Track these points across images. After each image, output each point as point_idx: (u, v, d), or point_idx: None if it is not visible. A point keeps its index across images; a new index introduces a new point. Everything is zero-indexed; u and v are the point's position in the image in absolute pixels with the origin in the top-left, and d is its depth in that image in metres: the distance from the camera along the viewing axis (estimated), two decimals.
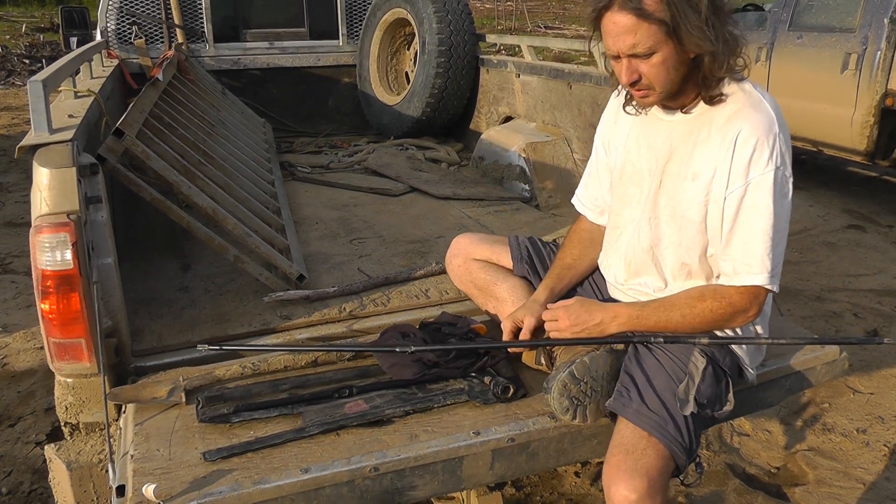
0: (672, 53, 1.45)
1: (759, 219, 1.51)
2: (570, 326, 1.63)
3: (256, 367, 1.77)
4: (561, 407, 1.57)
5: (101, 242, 1.74)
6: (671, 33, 1.42)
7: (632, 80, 1.49)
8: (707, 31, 1.42)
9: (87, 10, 4.53)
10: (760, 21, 6.12)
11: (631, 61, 1.48)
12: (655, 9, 1.40)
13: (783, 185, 1.51)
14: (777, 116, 1.51)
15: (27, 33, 15.73)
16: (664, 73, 1.48)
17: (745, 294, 1.54)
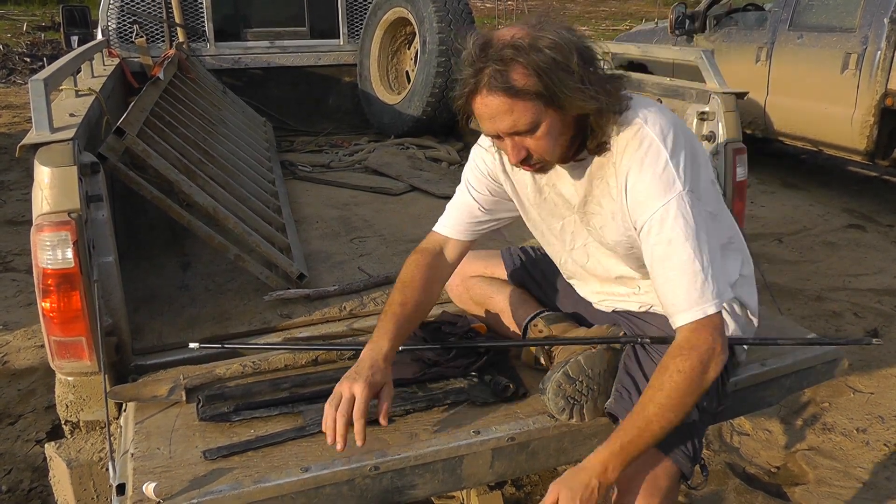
0: (556, 121, 1.37)
1: (672, 253, 1.39)
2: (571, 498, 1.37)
3: (257, 365, 1.78)
4: (557, 407, 1.57)
5: (102, 241, 1.74)
6: (550, 102, 1.33)
7: (521, 158, 1.41)
8: (586, 89, 1.33)
9: (88, 9, 4.52)
10: (760, 21, 6.12)
11: (514, 139, 1.39)
12: (526, 83, 1.30)
13: (689, 204, 1.39)
14: (664, 133, 1.41)
15: (28, 32, 15.72)
16: (552, 142, 1.40)
17: (697, 331, 1.39)
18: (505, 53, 1.30)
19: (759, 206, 5.64)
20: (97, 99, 2.27)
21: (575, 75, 1.32)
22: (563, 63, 1.31)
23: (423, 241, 1.77)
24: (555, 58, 1.30)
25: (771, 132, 6.08)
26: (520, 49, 1.30)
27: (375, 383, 1.47)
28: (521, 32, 1.33)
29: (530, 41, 1.31)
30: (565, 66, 1.31)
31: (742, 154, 2.30)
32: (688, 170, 1.41)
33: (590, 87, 1.34)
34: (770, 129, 6.06)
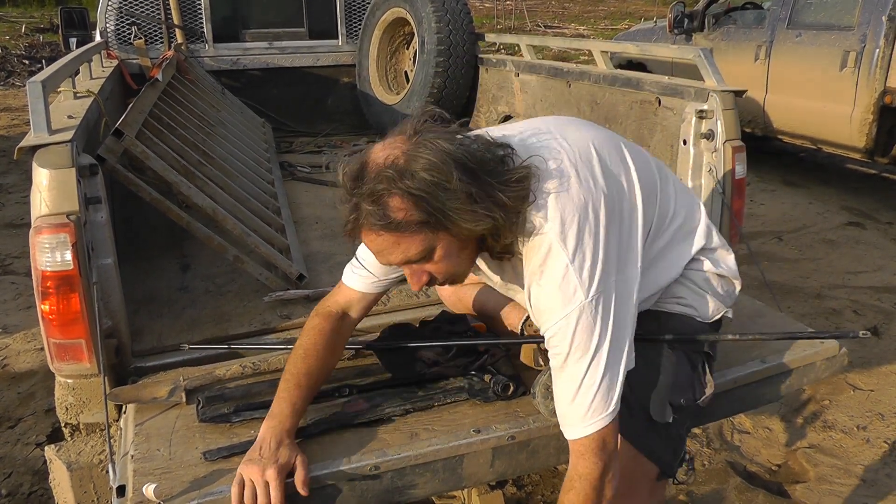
0: (452, 242, 1.27)
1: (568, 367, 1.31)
2: None
3: (257, 366, 1.77)
4: (548, 410, 1.57)
5: (101, 243, 1.74)
6: (438, 227, 1.22)
7: (423, 283, 1.34)
8: (473, 208, 1.21)
9: (86, 11, 4.52)
10: (759, 19, 6.13)
11: (412, 266, 1.31)
12: (407, 215, 1.20)
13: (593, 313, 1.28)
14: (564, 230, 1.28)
15: (27, 34, 15.72)
16: (453, 263, 1.31)
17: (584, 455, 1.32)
18: (378, 187, 1.19)
19: (759, 204, 5.64)
20: (95, 101, 2.27)
21: (458, 194, 1.19)
22: (443, 184, 1.18)
23: (328, 297, 1.66)
24: (432, 180, 1.18)
25: (770, 130, 6.08)
26: (392, 179, 1.18)
27: (286, 464, 1.37)
28: (394, 152, 1.21)
29: (404, 163, 1.19)
30: (444, 187, 1.18)
31: (741, 152, 2.30)
32: (595, 267, 1.28)
33: (478, 206, 1.21)
34: (769, 127, 6.06)
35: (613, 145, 1.46)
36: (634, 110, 2.79)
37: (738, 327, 2.02)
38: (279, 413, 1.44)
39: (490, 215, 1.22)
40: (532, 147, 1.36)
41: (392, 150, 1.22)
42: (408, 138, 1.23)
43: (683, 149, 2.40)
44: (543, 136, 1.41)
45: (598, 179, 1.35)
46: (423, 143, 1.21)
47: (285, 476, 1.36)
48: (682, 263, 1.56)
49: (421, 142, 1.22)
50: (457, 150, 1.22)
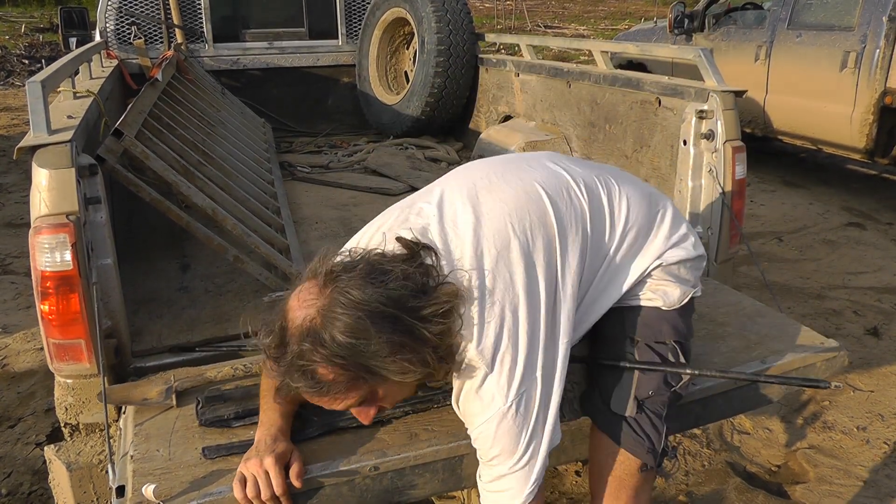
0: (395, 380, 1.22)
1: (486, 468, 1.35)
2: None
3: (248, 368, 1.77)
4: None
5: (101, 243, 1.74)
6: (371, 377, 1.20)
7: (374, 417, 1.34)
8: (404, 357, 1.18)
9: (86, 11, 4.52)
10: (759, 19, 6.13)
11: (357, 408, 1.29)
12: (335, 377, 1.18)
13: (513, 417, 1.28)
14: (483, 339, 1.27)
15: (26, 33, 15.73)
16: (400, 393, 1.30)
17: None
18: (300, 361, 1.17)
19: (759, 204, 5.64)
20: (95, 101, 2.27)
21: (382, 350, 1.15)
22: (363, 344, 1.15)
23: None
24: (352, 342, 1.14)
25: (770, 131, 6.09)
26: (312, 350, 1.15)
27: (283, 453, 1.37)
28: (310, 312, 1.17)
29: (321, 327, 1.15)
30: (365, 346, 1.15)
31: (741, 152, 2.30)
32: (513, 371, 1.28)
33: (406, 355, 1.17)
34: (769, 127, 6.06)
35: (537, 209, 1.39)
36: (634, 110, 2.79)
37: (739, 327, 2.03)
38: (268, 419, 1.45)
39: (420, 360, 1.19)
40: (450, 244, 1.32)
41: (307, 309, 1.17)
42: (321, 290, 1.18)
43: (683, 149, 2.40)
44: (462, 224, 1.35)
45: (516, 273, 1.32)
46: (336, 298, 1.16)
47: (283, 465, 1.37)
48: (637, 274, 1.53)
49: (334, 297, 1.16)
50: (372, 299, 1.15)
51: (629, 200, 1.52)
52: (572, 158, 1.62)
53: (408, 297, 1.19)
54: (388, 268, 1.20)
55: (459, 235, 1.34)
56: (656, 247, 1.53)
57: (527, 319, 1.30)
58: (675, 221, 1.57)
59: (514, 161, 1.55)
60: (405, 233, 1.32)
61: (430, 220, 1.36)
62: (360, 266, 1.19)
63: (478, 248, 1.32)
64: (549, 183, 1.45)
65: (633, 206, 1.52)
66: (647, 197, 1.56)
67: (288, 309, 1.20)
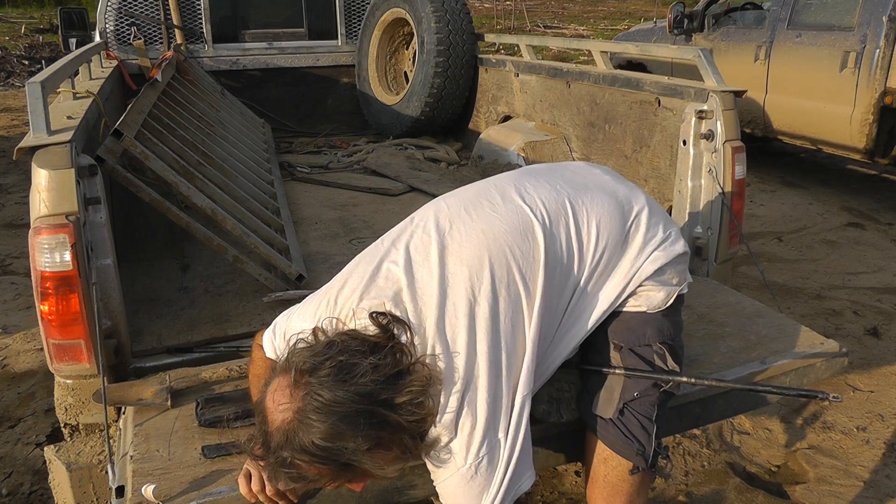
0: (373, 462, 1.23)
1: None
2: None
3: (243, 369, 1.77)
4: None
5: (101, 243, 1.74)
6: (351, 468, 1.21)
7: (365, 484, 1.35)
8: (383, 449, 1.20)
9: (86, 12, 4.53)
10: (759, 20, 6.13)
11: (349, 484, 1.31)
12: (319, 472, 1.21)
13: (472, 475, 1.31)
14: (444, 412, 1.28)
15: (26, 34, 15.73)
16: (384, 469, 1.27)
17: None
18: (284, 459, 1.19)
19: (759, 204, 5.64)
20: (95, 101, 2.27)
21: (361, 446, 1.17)
22: (341, 446, 1.17)
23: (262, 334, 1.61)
24: (329, 446, 1.16)
25: (770, 131, 6.09)
26: (293, 454, 1.18)
27: None
28: (286, 416, 1.18)
29: (298, 430, 1.16)
30: (343, 447, 1.17)
31: (741, 153, 2.30)
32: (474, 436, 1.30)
33: (385, 447, 1.20)
34: (769, 127, 6.06)
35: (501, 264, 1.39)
36: (634, 111, 2.79)
37: (738, 327, 2.03)
38: None
39: (399, 446, 1.22)
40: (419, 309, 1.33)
41: (283, 413, 1.18)
42: (293, 392, 1.19)
43: (683, 149, 2.40)
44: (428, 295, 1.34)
45: (479, 344, 1.32)
46: (308, 402, 1.16)
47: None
48: (610, 300, 1.51)
49: (307, 401, 1.17)
50: (344, 399, 1.16)
51: (599, 223, 1.48)
52: (538, 179, 1.55)
53: (379, 390, 1.18)
54: (357, 361, 1.20)
55: (427, 305, 1.34)
56: (627, 266, 1.50)
57: (487, 388, 1.31)
58: (649, 227, 1.52)
59: (481, 200, 1.51)
60: (376, 303, 1.32)
61: (401, 286, 1.35)
62: (328, 364, 1.18)
63: (441, 321, 1.32)
64: (513, 227, 1.43)
65: (604, 229, 1.48)
66: (619, 208, 1.52)
67: (266, 411, 1.22)
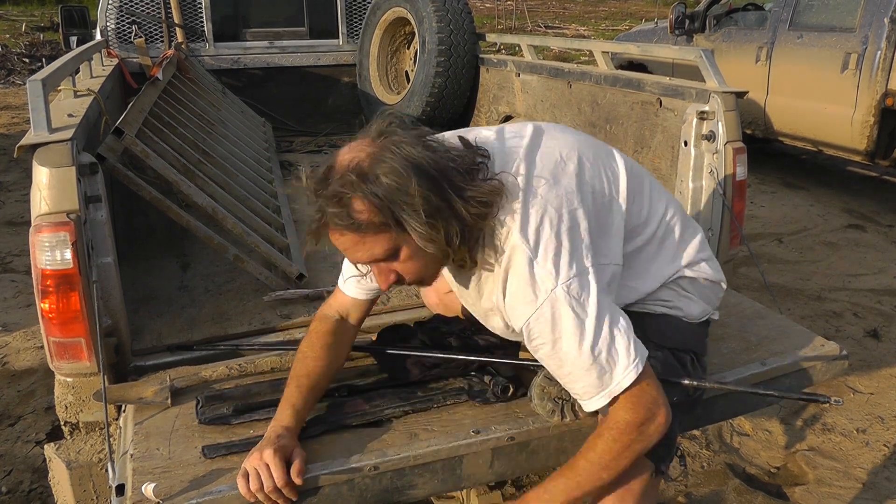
0: (416, 245, 1.27)
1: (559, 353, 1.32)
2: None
3: (243, 368, 1.77)
4: (545, 410, 1.57)
5: (101, 241, 1.74)
6: (400, 229, 1.24)
7: (391, 283, 1.35)
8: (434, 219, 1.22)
9: (86, 10, 4.52)
10: (760, 20, 6.13)
11: (380, 265, 1.32)
12: (369, 216, 1.22)
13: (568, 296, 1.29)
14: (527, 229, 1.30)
15: (27, 32, 15.72)
16: (421, 264, 1.32)
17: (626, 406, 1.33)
18: (340, 190, 1.21)
19: (759, 205, 5.64)
20: (96, 99, 2.27)
21: (416, 202, 1.20)
22: (403, 189, 1.20)
23: (327, 301, 1.69)
24: (392, 185, 1.20)
25: (771, 132, 6.09)
26: (354, 182, 1.21)
27: (284, 447, 1.39)
28: (359, 155, 1.23)
29: (367, 167, 1.21)
30: (404, 192, 1.20)
31: (742, 154, 2.30)
32: (559, 258, 1.29)
33: (436, 217, 1.22)
34: (770, 128, 6.06)
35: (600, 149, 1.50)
36: (635, 111, 2.79)
37: (739, 328, 2.03)
38: (279, 414, 1.49)
39: (446, 232, 1.24)
40: (506, 153, 1.37)
41: (357, 152, 1.24)
42: (373, 140, 1.25)
43: (684, 150, 2.40)
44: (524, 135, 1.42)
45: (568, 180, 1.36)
46: (387, 146, 1.23)
47: (284, 458, 1.37)
48: (664, 276, 1.55)
49: (386, 145, 1.23)
50: (420, 156, 1.22)
51: (669, 202, 1.59)
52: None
53: (454, 171, 1.25)
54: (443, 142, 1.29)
55: (519, 144, 1.39)
56: (690, 251, 1.58)
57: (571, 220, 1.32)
58: (704, 243, 1.63)
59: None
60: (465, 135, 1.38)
61: (492, 132, 1.43)
62: (416, 131, 1.27)
63: (531, 155, 1.37)
64: (600, 148, 1.53)
65: (672, 207, 1.58)
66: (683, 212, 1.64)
67: (337, 154, 1.27)
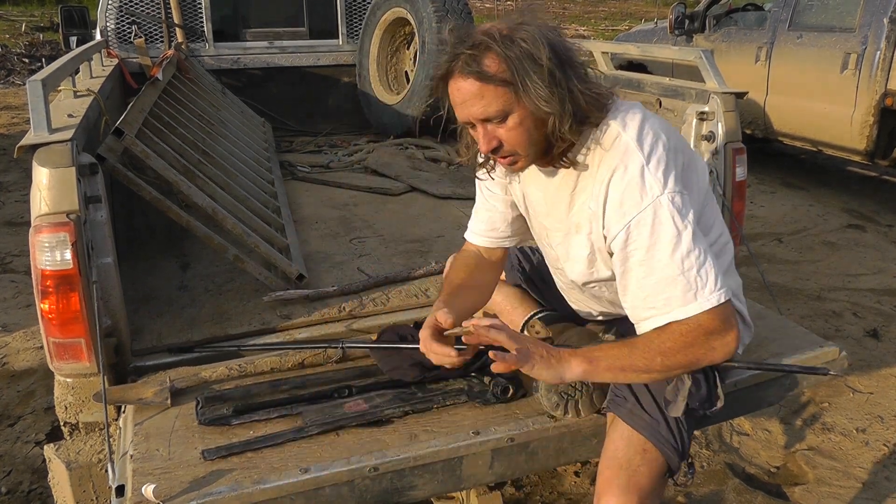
0: (527, 114, 1.36)
1: (653, 259, 1.36)
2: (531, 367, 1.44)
3: (242, 368, 1.77)
4: (550, 403, 1.57)
5: (101, 242, 1.74)
6: (519, 94, 1.34)
7: (492, 147, 1.40)
8: (552, 89, 1.33)
9: (86, 10, 4.52)
10: (760, 21, 6.13)
11: (487, 127, 1.39)
12: (497, 70, 1.32)
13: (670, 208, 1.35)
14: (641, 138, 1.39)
15: (27, 32, 15.71)
16: (524, 135, 1.38)
17: (707, 320, 1.36)
18: (480, 40, 1.34)
19: (759, 205, 5.64)
20: (96, 99, 2.27)
21: (543, 71, 1.32)
22: (534, 56, 1.32)
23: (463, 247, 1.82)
24: (526, 49, 1.32)
25: (770, 132, 6.08)
26: (492, 39, 1.33)
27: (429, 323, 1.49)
28: (500, 26, 1.36)
29: (508, 31, 1.34)
30: (534, 59, 1.32)
31: (742, 154, 2.30)
32: (668, 173, 1.37)
33: (555, 89, 1.33)
34: (769, 128, 6.06)
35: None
36: None
37: None
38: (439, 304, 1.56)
39: (562, 103, 1.34)
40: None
41: (498, 25, 1.38)
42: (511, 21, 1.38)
43: None
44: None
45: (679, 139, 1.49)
46: (528, 21, 1.36)
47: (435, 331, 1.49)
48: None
49: (527, 20, 1.37)
50: (554, 37, 1.36)
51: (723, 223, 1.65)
52: None
53: (578, 64, 1.39)
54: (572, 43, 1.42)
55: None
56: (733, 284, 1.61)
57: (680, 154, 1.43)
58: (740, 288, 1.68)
59: None
60: None
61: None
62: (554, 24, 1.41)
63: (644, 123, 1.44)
64: None
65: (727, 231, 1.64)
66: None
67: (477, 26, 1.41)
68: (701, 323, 1.35)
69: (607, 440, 1.52)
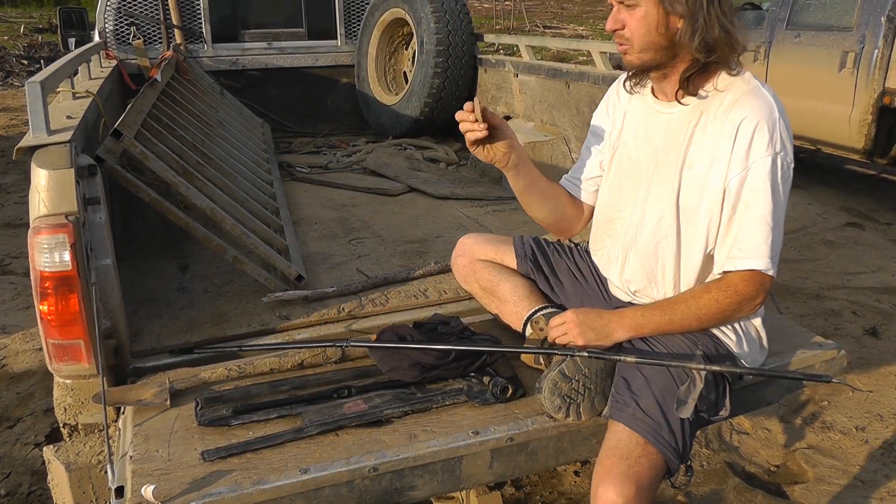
0: (655, 13, 1.50)
1: (757, 203, 1.51)
2: (579, 333, 1.61)
3: (242, 369, 1.77)
4: (552, 405, 1.57)
5: (100, 243, 1.73)
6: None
7: (614, 28, 1.56)
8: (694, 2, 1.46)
9: (85, 11, 4.53)
10: (758, 20, 6.13)
11: (620, 10, 1.54)
12: None
13: (783, 171, 1.52)
14: (777, 104, 1.56)
15: (25, 34, 15.72)
16: (644, 29, 1.52)
17: (749, 281, 1.54)
18: None
19: None
20: (94, 101, 2.27)
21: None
22: None
23: None
24: None
25: None
26: None
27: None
28: None
29: None
30: None
31: None
32: (788, 142, 1.54)
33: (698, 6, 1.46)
34: None
35: None
36: None
37: None
38: None
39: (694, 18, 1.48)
40: None
41: None
42: None
43: None
44: None
45: None
46: None
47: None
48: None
49: None
50: None
51: None
52: None
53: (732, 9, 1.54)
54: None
55: None
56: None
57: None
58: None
59: None
60: None
61: None
62: None
63: None
64: None
65: None
66: None
67: None
68: (737, 289, 1.55)
69: (608, 433, 1.53)
